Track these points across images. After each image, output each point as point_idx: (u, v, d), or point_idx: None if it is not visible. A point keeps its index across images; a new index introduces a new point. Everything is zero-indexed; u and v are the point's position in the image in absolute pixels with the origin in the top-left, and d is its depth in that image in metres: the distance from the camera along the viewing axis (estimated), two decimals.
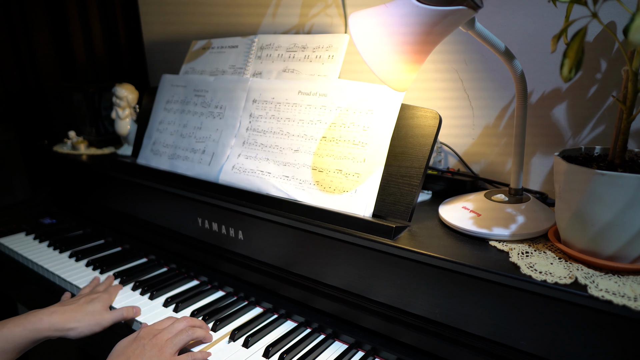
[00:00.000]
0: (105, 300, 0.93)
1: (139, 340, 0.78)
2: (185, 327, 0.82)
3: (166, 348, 0.77)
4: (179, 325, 0.82)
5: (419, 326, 0.76)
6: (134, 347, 0.76)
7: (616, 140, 0.66)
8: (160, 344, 0.77)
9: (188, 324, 0.83)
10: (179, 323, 0.82)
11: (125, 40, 1.77)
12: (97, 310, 0.90)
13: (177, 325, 0.82)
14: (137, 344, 0.77)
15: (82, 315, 0.88)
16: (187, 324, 0.83)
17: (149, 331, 0.80)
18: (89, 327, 0.87)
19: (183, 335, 0.80)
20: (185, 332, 0.80)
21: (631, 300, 0.57)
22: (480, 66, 1.00)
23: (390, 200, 0.83)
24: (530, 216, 0.78)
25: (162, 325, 0.82)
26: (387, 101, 0.86)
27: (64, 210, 1.47)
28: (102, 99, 1.52)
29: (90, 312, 0.89)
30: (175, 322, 0.83)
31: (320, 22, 1.22)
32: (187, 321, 0.83)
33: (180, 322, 0.83)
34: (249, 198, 0.96)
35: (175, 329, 0.81)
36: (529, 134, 0.93)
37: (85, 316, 0.88)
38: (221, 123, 1.09)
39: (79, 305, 0.90)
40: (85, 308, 0.89)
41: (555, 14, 0.88)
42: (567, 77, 0.55)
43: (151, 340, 0.77)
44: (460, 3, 0.63)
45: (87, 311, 0.89)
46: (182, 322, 0.83)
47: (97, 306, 0.91)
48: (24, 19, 1.56)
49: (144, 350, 0.75)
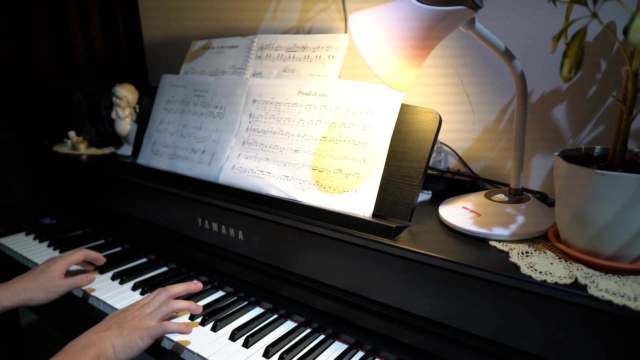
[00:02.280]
0: (60, 265, 0.98)
1: (125, 311, 0.85)
2: (165, 298, 0.87)
3: (144, 319, 0.83)
4: (160, 297, 0.87)
5: (419, 326, 0.76)
6: (120, 316, 0.83)
7: (616, 140, 0.66)
8: (141, 315, 0.83)
9: (168, 294, 0.88)
10: (160, 294, 0.87)
11: (125, 40, 1.77)
12: (51, 277, 0.96)
13: (158, 297, 0.87)
14: (122, 314, 0.84)
15: (36, 285, 0.95)
16: (166, 294, 0.88)
17: (136, 303, 0.87)
18: (44, 297, 0.96)
19: (163, 307, 0.85)
20: (165, 305, 0.85)
21: (631, 300, 0.57)
22: (480, 66, 1.00)
23: (390, 200, 0.83)
24: (530, 216, 0.78)
25: (148, 299, 0.88)
26: (387, 101, 0.86)
27: (64, 210, 1.47)
28: (102, 99, 1.52)
29: (44, 280, 0.95)
30: (157, 294, 0.88)
31: (320, 22, 1.23)
32: (167, 291, 0.88)
33: (161, 293, 0.88)
34: (249, 198, 0.96)
35: (157, 301, 0.86)
36: (529, 134, 0.93)
37: (40, 285, 0.95)
38: (221, 123, 1.09)
39: (34, 275, 0.97)
40: (39, 277, 0.96)
41: (555, 14, 0.88)
42: (567, 77, 0.55)
43: (135, 311, 0.84)
44: (460, 3, 0.63)
45: (41, 280, 0.96)
46: (162, 293, 0.88)
47: (52, 273, 0.96)
48: (24, 19, 1.56)
49: (126, 319, 0.82)
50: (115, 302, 0.98)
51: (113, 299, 0.99)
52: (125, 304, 0.96)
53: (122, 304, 0.97)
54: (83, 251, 1.05)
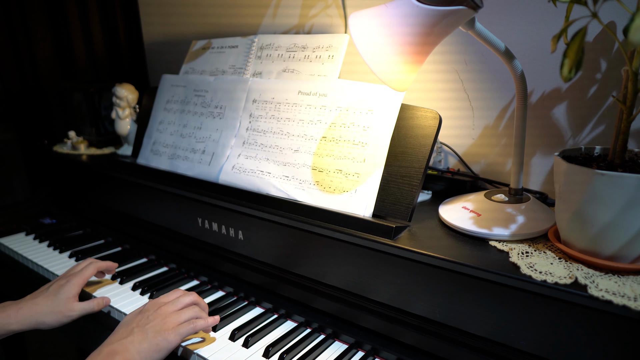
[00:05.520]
0: (74, 285, 0.91)
1: (143, 312, 0.80)
2: (191, 302, 0.83)
3: (169, 319, 0.78)
4: (185, 300, 0.82)
5: (419, 326, 0.76)
6: (139, 318, 0.78)
7: (616, 140, 0.66)
8: (164, 314, 0.79)
9: (194, 299, 0.84)
10: (185, 297, 0.83)
11: (125, 40, 1.77)
12: (65, 299, 0.89)
13: (183, 299, 0.82)
14: (141, 315, 0.79)
15: (49, 308, 0.88)
16: (192, 299, 0.84)
17: (154, 303, 0.82)
18: (57, 321, 0.88)
19: (189, 311, 0.81)
20: (192, 309, 0.81)
21: (631, 300, 0.57)
22: (480, 66, 1.00)
23: (390, 200, 0.83)
24: (530, 216, 0.78)
25: (168, 298, 0.83)
26: (387, 101, 0.86)
27: (64, 210, 1.47)
28: (102, 99, 1.52)
29: (57, 303, 0.88)
30: (182, 296, 0.84)
31: (320, 22, 1.23)
32: (194, 296, 0.84)
33: (187, 296, 0.84)
34: (249, 198, 0.96)
35: (181, 303, 0.82)
36: (529, 134, 0.93)
37: (53, 309, 0.88)
38: (221, 123, 1.09)
39: (47, 296, 0.89)
40: (53, 299, 0.89)
41: (555, 14, 0.88)
42: (567, 77, 0.55)
43: (155, 311, 0.79)
44: (460, 3, 0.63)
45: (55, 302, 0.88)
46: (188, 296, 0.84)
47: (66, 294, 0.89)
48: (24, 19, 1.56)
49: (148, 320, 0.77)
50: (115, 302, 0.98)
51: (113, 299, 0.98)
52: (125, 304, 0.96)
53: (122, 303, 0.97)
54: (95, 264, 0.98)
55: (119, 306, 0.96)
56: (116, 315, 0.96)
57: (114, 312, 0.96)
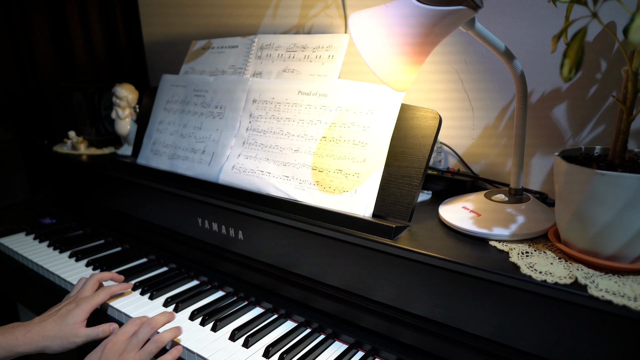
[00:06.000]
0: (83, 311, 0.90)
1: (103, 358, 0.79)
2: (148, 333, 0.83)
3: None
4: (141, 335, 0.82)
5: (419, 326, 0.76)
6: None
7: (616, 140, 0.66)
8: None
9: (152, 328, 0.83)
10: (143, 329, 0.83)
11: (125, 40, 1.77)
12: (72, 324, 0.88)
13: (140, 335, 0.82)
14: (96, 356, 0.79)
15: (56, 332, 0.87)
16: (150, 330, 0.83)
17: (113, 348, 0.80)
18: (61, 347, 0.87)
19: (151, 346, 0.81)
20: (154, 344, 0.81)
21: (631, 300, 0.57)
22: (480, 66, 1.00)
23: (390, 200, 0.83)
24: (530, 216, 0.78)
25: (125, 335, 0.83)
26: (387, 101, 0.86)
27: (64, 210, 1.47)
28: (102, 99, 1.52)
29: (65, 327, 0.87)
30: (139, 330, 0.83)
31: (320, 22, 1.23)
32: (152, 326, 0.84)
33: (143, 328, 0.83)
34: (249, 198, 0.96)
35: (140, 341, 0.82)
36: (529, 134, 0.93)
37: (60, 333, 0.87)
38: (221, 123, 1.09)
39: (55, 320, 0.88)
40: (60, 323, 0.88)
41: (555, 14, 0.88)
42: (567, 77, 0.55)
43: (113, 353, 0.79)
44: (460, 3, 0.63)
45: (62, 327, 0.88)
46: (145, 328, 0.83)
47: (74, 319, 0.88)
48: (24, 19, 1.56)
49: None
50: (115, 302, 0.98)
51: (113, 298, 0.98)
52: (124, 304, 0.97)
53: (122, 303, 0.97)
54: (108, 291, 0.97)
55: (118, 306, 0.96)
56: (115, 315, 0.96)
57: (113, 312, 0.96)
